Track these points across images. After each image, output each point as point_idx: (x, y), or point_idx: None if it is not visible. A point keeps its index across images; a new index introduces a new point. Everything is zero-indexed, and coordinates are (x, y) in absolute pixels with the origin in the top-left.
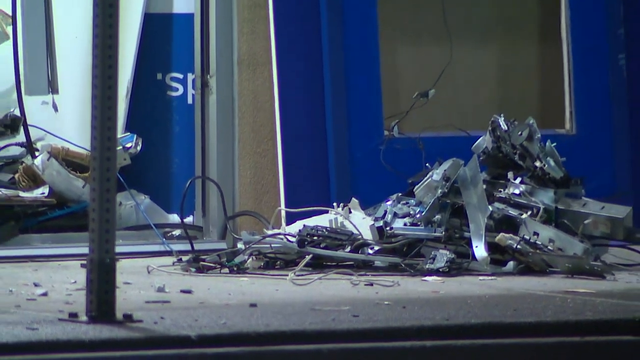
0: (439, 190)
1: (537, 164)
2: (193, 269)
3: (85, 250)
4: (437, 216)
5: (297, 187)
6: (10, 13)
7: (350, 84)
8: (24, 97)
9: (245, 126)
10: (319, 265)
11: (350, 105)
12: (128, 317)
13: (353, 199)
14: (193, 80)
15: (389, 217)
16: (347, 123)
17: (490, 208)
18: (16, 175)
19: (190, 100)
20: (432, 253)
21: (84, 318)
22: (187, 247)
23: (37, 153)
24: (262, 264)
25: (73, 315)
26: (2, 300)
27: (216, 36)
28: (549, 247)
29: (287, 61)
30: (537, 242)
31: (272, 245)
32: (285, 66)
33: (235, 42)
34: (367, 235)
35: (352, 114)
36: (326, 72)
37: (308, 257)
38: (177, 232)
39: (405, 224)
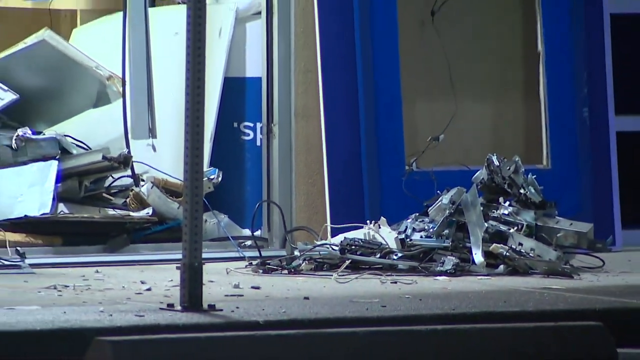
0: (447, 211)
1: (522, 191)
2: (261, 271)
3: (179, 256)
4: (445, 231)
5: (339, 209)
6: (121, 76)
7: (380, 130)
8: (131, 141)
9: (300, 163)
10: (356, 267)
11: (380, 147)
12: (212, 307)
13: (382, 217)
14: (261, 128)
15: (409, 231)
16: (378, 160)
17: (486, 224)
18: (127, 200)
19: (258, 143)
20: (442, 259)
21: (178, 308)
22: (256, 253)
23: (142, 183)
24: (313, 266)
25: (170, 306)
26: (117, 294)
27: (278, 94)
28: (531, 254)
29: (332, 114)
30: (522, 250)
31: (321, 252)
32: (330, 117)
33: (292, 99)
34: (393, 245)
35: (382, 153)
36: (362, 121)
37: (348, 262)
38: (248, 242)
39: (421, 237)
